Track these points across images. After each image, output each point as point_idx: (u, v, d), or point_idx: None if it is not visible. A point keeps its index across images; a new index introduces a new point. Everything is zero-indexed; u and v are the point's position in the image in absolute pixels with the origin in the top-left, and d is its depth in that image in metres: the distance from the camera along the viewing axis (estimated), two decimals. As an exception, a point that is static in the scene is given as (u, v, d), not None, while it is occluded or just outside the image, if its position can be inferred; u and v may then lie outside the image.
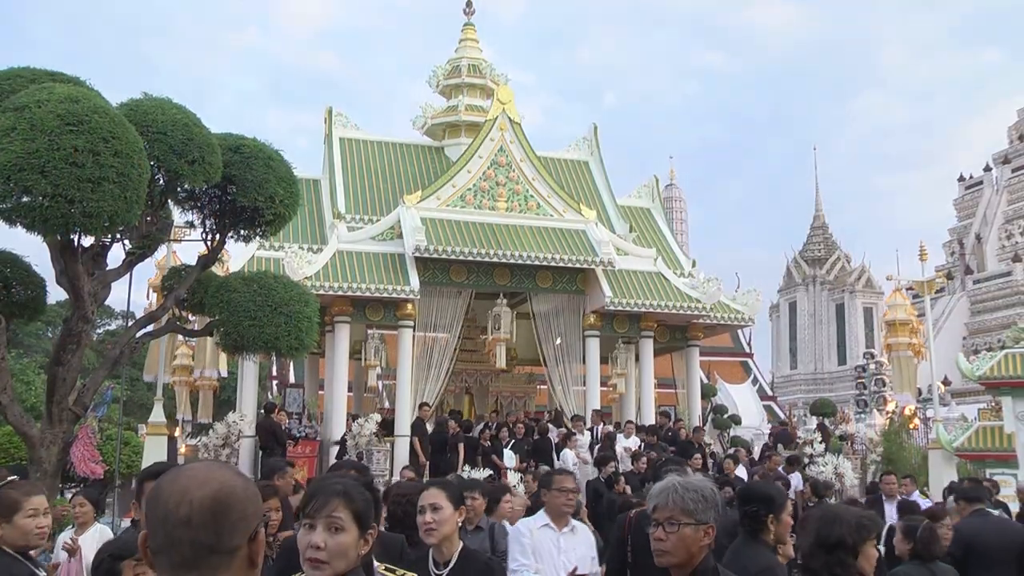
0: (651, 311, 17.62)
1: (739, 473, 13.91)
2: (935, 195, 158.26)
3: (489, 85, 21.17)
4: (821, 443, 17.38)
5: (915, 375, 23.88)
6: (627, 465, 13.24)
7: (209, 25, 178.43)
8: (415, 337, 17.13)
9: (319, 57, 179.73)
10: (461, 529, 3.87)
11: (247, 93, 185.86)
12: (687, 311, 17.75)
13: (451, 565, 3.65)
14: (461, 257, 16.64)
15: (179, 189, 9.83)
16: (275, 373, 32.17)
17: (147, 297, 19.01)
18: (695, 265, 20.49)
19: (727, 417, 22.44)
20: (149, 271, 18.78)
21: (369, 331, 17.78)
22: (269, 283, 10.78)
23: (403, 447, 15.55)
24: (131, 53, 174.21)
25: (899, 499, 9.56)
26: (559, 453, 14.64)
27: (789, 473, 13.64)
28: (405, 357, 16.67)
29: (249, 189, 10.03)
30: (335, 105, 20.99)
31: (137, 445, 17.33)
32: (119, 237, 9.78)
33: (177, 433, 20.39)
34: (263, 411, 15.92)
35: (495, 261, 16.86)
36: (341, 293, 15.88)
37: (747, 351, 42.53)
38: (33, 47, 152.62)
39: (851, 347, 41.62)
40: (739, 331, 38.99)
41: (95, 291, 9.68)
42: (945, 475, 15.09)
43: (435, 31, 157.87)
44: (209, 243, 11.03)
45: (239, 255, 16.42)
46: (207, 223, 10.85)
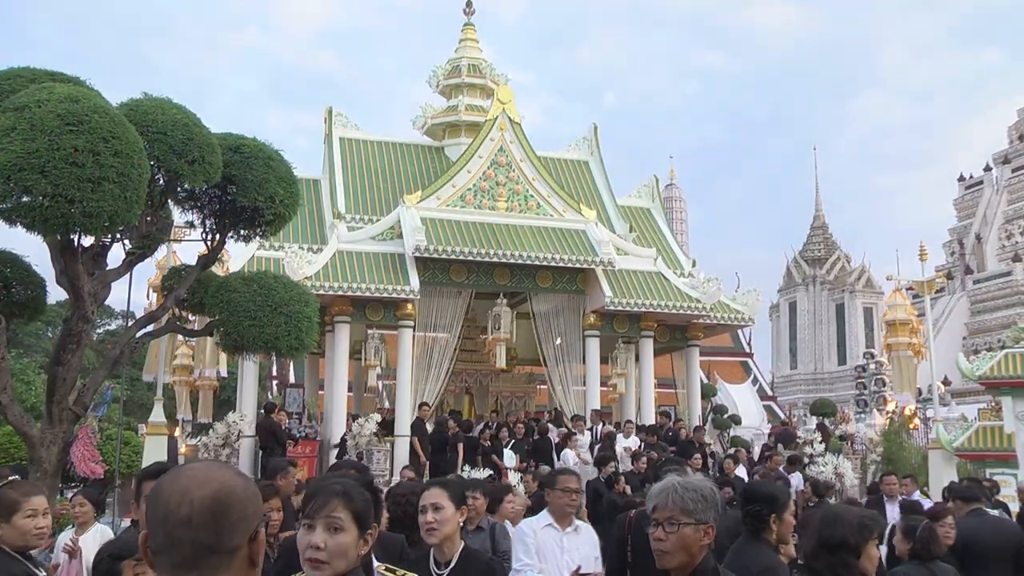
0: (651, 311, 17.62)
1: (739, 473, 13.94)
2: (935, 195, 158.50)
3: (489, 85, 21.17)
4: (821, 443, 17.40)
5: (915, 375, 23.87)
6: (627, 465, 13.24)
7: (209, 25, 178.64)
8: (415, 337, 17.14)
9: (319, 57, 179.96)
10: (462, 529, 3.87)
11: (247, 93, 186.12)
12: (687, 311, 17.75)
13: (452, 565, 3.65)
14: (461, 257, 16.64)
15: (179, 189, 9.83)
16: (275, 373, 32.17)
17: (147, 297, 19.00)
18: (695, 265, 20.49)
19: (727, 417, 22.42)
20: (149, 271, 18.78)
21: (369, 331, 17.78)
22: (269, 283, 10.78)
23: (403, 447, 15.56)
24: (131, 53, 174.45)
25: (902, 499, 9.56)
26: (559, 453, 14.64)
27: (790, 473, 13.65)
28: (405, 357, 16.67)
29: (249, 189, 10.03)
30: (335, 105, 21.01)
31: (137, 445, 17.33)
32: (119, 237, 9.78)
33: (177, 433, 20.39)
34: (263, 411, 15.93)
35: (495, 261, 16.86)
36: (341, 293, 15.88)
37: (747, 351, 42.52)
38: (33, 47, 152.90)
39: (851, 347, 41.61)
40: (739, 331, 39.00)
41: (95, 291, 9.68)
42: (945, 475, 15.08)
43: (435, 31, 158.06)
44: (209, 243, 11.03)
45: (239, 255, 16.42)
46: (207, 223, 10.85)
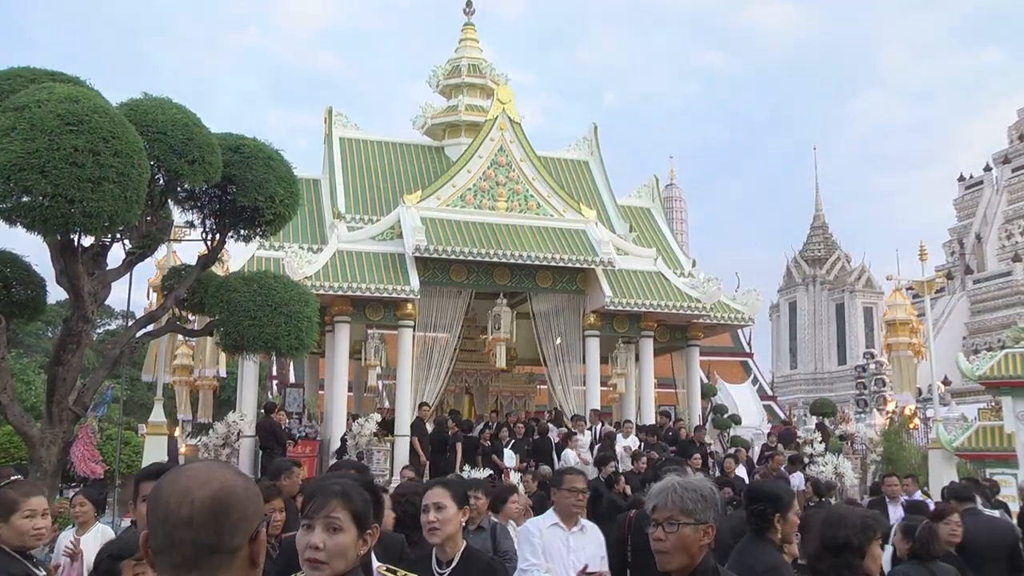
0: (651, 311, 17.62)
1: (738, 473, 13.94)
2: (935, 195, 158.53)
3: (489, 85, 21.16)
4: (821, 443, 17.40)
5: (915, 375, 23.87)
6: (626, 465, 13.24)
7: (209, 25, 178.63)
8: (415, 337, 17.13)
9: (319, 57, 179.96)
10: (463, 529, 3.87)
11: (247, 93, 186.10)
12: (687, 311, 17.74)
13: (454, 564, 3.65)
14: (461, 257, 16.64)
15: (179, 189, 9.84)
16: (275, 373, 32.18)
17: (147, 297, 19.01)
18: (695, 265, 20.49)
19: (727, 417, 22.39)
20: (149, 271, 18.78)
21: (369, 331, 17.78)
22: (269, 283, 10.78)
23: (403, 447, 15.56)
24: (131, 53, 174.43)
25: (908, 500, 9.55)
26: (559, 453, 14.63)
27: (791, 473, 13.65)
28: (405, 357, 16.67)
29: (249, 189, 10.03)
30: (335, 105, 21.01)
31: (137, 445, 17.31)
32: (119, 237, 9.78)
33: (177, 433, 20.38)
34: (263, 411, 15.93)
35: (495, 261, 16.86)
36: (341, 293, 15.87)
37: (747, 351, 42.52)
38: (33, 47, 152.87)
39: (851, 347, 41.61)
40: (739, 331, 39.02)
41: (95, 291, 9.68)
42: (945, 475, 15.07)
43: (435, 31, 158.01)
44: (209, 243, 11.03)
45: (239, 255, 16.42)
46: (207, 223, 10.85)
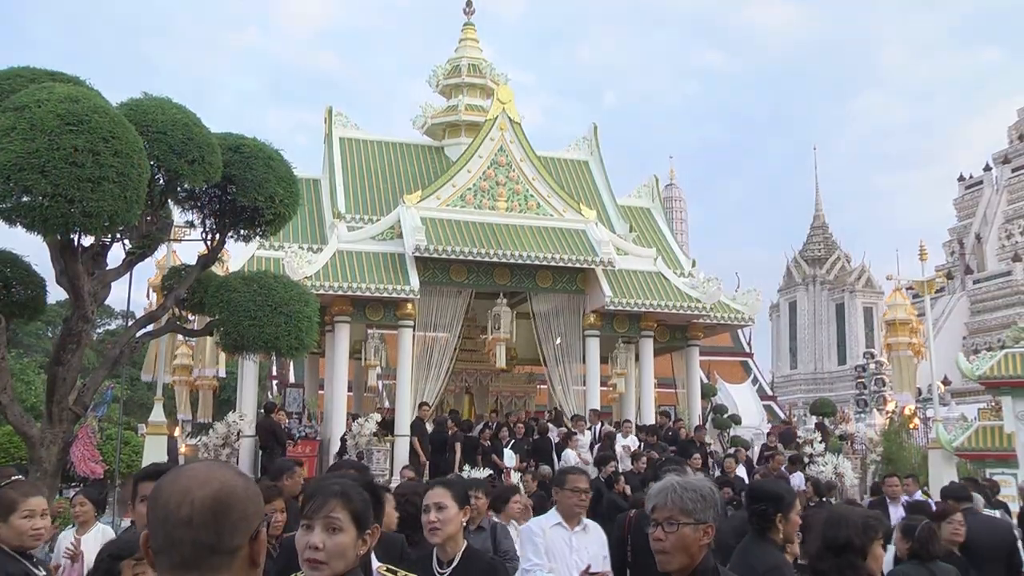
0: (651, 311, 17.61)
1: (738, 473, 13.94)
2: (935, 195, 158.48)
3: (489, 85, 21.16)
4: (821, 443, 17.40)
5: (915, 375, 23.89)
6: (626, 465, 13.24)
7: (209, 25, 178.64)
8: (415, 337, 17.13)
9: (319, 57, 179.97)
10: (464, 529, 3.87)
11: (247, 93, 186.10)
12: (687, 311, 17.74)
13: (454, 564, 3.65)
14: (461, 257, 16.63)
15: (179, 189, 9.84)
16: (275, 373, 32.18)
17: (147, 297, 19.03)
18: (695, 265, 20.49)
19: (727, 417, 22.40)
20: (149, 271, 18.81)
21: (369, 331, 17.78)
22: (269, 283, 10.79)
23: (403, 447, 15.55)
24: (131, 53, 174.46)
25: (910, 500, 9.54)
26: (559, 453, 14.62)
27: (791, 473, 13.64)
28: (405, 357, 16.66)
29: (249, 189, 10.03)
30: (335, 105, 21.03)
31: (137, 445, 17.32)
32: (119, 237, 9.78)
33: (177, 433, 20.38)
34: (263, 411, 15.93)
35: (495, 261, 16.85)
36: (341, 293, 15.87)
37: (747, 351, 42.52)
38: (33, 47, 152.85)
39: (851, 347, 41.61)
40: (739, 331, 39.01)
41: (95, 291, 9.69)
42: (945, 475, 15.06)
43: (435, 31, 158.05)
44: (209, 243, 11.03)
45: (239, 255, 16.43)
46: (207, 223, 10.85)
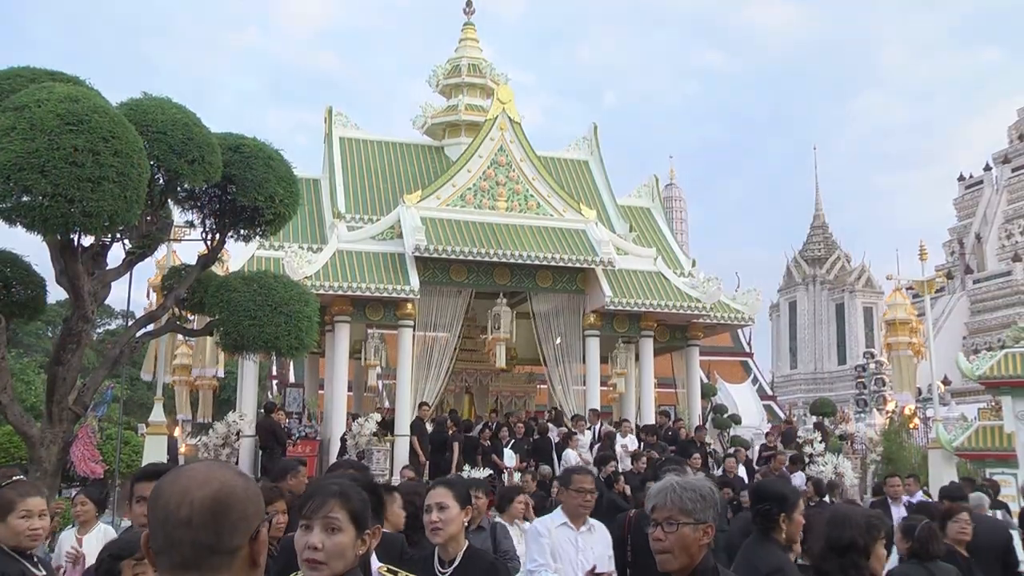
0: (651, 311, 17.61)
1: (738, 473, 13.93)
2: (935, 195, 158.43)
3: (489, 85, 21.15)
4: (821, 443, 17.40)
5: (915, 375, 23.88)
6: (625, 464, 13.23)
7: (209, 25, 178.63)
8: (415, 337, 17.13)
9: (319, 57, 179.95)
10: (464, 528, 3.88)
11: (247, 93, 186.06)
12: (687, 311, 17.74)
13: (456, 564, 3.66)
14: (461, 257, 16.63)
15: (179, 189, 9.84)
16: (275, 373, 32.18)
17: (147, 297, 19.01)
18: (695, 265, 20.48)
19: (727, 417, 22.40)
20: (149, 271, 18.81)
21: (369, 331, 17.77)
22: (269, 283, 10.79)
23: (403, 447, 15.55)
24: (131, 53, 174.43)
25: (917, 501, 9.54)
26: (559, 453, 14.62)
27: (792, 473, 13.64)
28: (405, 357, 16.66)
29: (249, 189, 10.03)
30: (335, 105, 21.02)
31: (137, 444, 17.30)
32: (119, 237, 9.78)
33: (177, 433, 20.37)
34: (263, 411, 15.94)
35: (495, 261, 16.85)
36: (341, 293, 15.87)
37: (747, 351, 42.51)
38: (33, 47, 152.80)
39: (851, 347, 41.60)
40: (739, 331, 39.01)
41: (95, 291, 9.69)
42: (945, 475, 15.05)
43: (435, 31, 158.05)
44: (209, 243, 11.03)
45: (239, 255, 16.42)
46: (207, 223, 10.85)
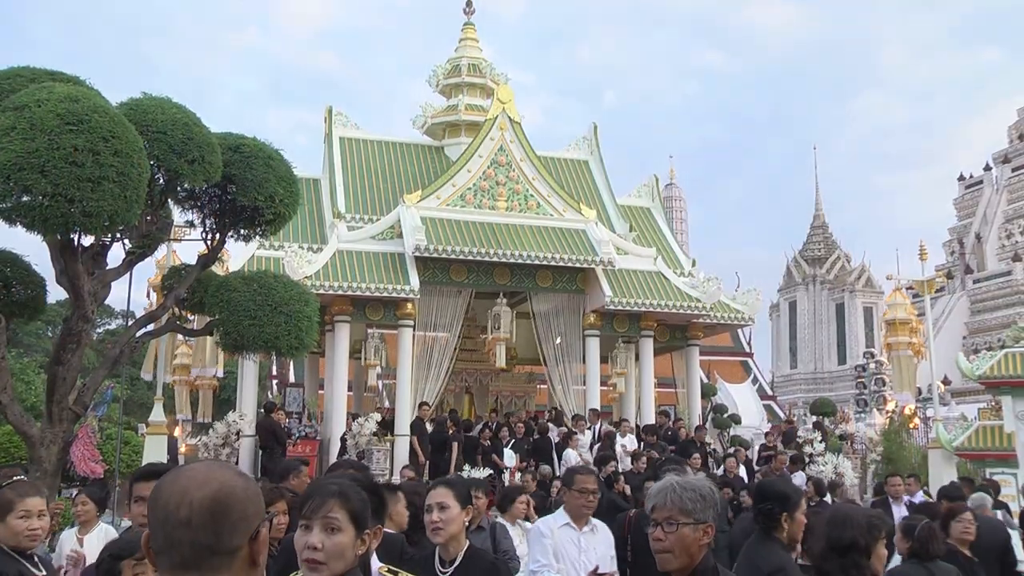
0: (651, 311, 17.61)
1: (738, 472, 13.94)
2: (935, 195, 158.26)
3: (489, 84, 21.16)
4: (821, 442, 17.40)
5: (915, 374, 23.89)
6: (625, 464, 13.23)
7: (209, 25, 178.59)
8: (415, 336, 17.13)
9: (319, 57, 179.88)
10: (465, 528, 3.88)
11: (247, 93, 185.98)
12: (687, 311, 17.74)
13: (456, 564, 3.66)
14: (461, 256, 16.63)
15: (179, 188, 9.84)
16: (275, 372, 32.18)
17: (147, 296, 19.02)
18: (695, 265, 20.49)
19: (727, 416, 22.41)
20: (149, 270, 18.82)
21: (369, 330, 17.78)
22: (269, 282, 10.79)
23: (403, 446, 15.56)
24: (131, 53, 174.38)
25: (919, 502, 9.55)
26: (560, 453, 14.62)
27: (792, 472, 13.65)
28: (405, 356, 16.66)
29: (249, 188, 10.03)
30: (335, 105, 20.99)
31: (137, 444, 17.31)
32: (119, 236, 9.78)
33: (177, 432, 20.37)
34: (263, 410, 15.94)
35: (495, 261, 16.85)
36: (341, 292, 15.87)
37: (747, 351, 42.49)
38: (33, 47, 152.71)
39: (851, 347, 41.58)
40: (739, 331, 38.99)
41: (95, 290, 9.69)
42: (945, 475, 15.05)
43: (435, 31, 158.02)
44: (209, 242, 11.03)
45: (239, 254, 16.43)
46: (207, 222, 10.85)
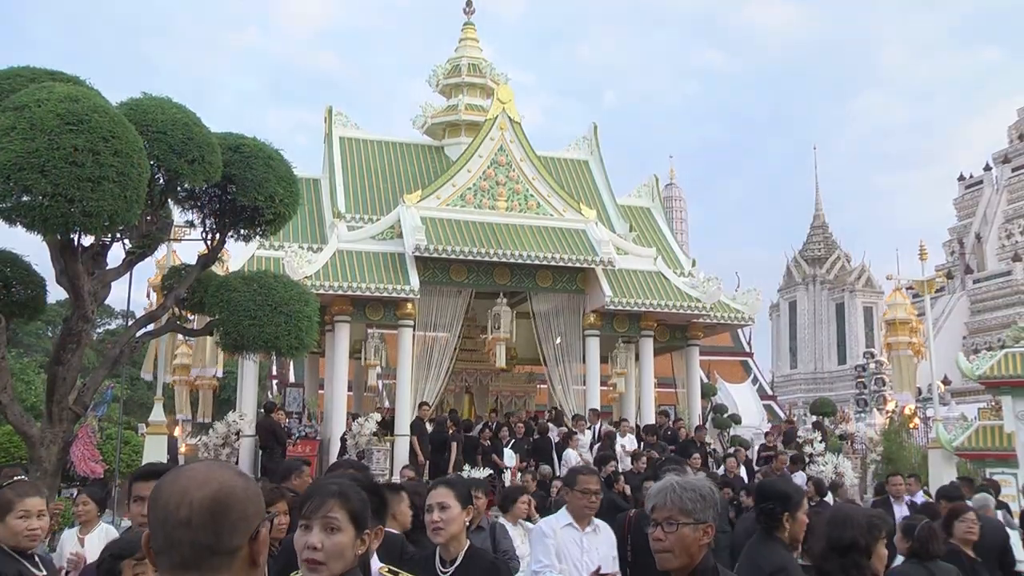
0: (651, 310, 17.61)
1: (739, 472, 13.94)
2: (935, 194, 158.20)
3: (489, 84, 21.16)
4: (821, 442, 17.40)
5: (915, 374, 23.89)
6: (625, 464, 13.24)
7: (209, 25, 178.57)
8: (415, 336, 17.12)
9: (319, 57, 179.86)
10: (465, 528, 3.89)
11: (247, 93, 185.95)
12: (687, 310, 17.74)
13: (457, 564, 3.66)
14: (461, 256, 16.63)
15: (179, 188, 9.84)
16: (275, 372, 32.17)
17: (147, 296, 19.03)
18: (695, 264, 20.49)
19: (727, 416, 22.41)
20: (149, 270, 18.85)
21: (369, 330, 17.78)
22: (269, 282, 10.79)
23: (403, 446, 15.56)
24: (131, 53, 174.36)
25: (920, 501, 9.55)
26: (560, 453, 14.62)
27: (792, 472, 13.65)
28: (405, 356, 16.66)
29: (249, 188, 10.03)
30: (335, 105, 21.00)
31: (137, 444, 17.31)
32: (119, 236, 9.78)
33: (177, 432, 20.37)
34: (263, 410, 15.94)
35: (495, 260, 16.85)
36: (341, 292, 15.87)
37: (747, 350, 42.48)
38: (33, 47, 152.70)
39: (851, 346, 41.57)
40: (739, 330, 38.99)
41: (95, 290, 9.68)
42: (945, 475, 15.05)
43: (435, 31, 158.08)
44: (209, 242, 11.03)
45: (239, 254, 16.43)
46: (207, 222, 10.85)
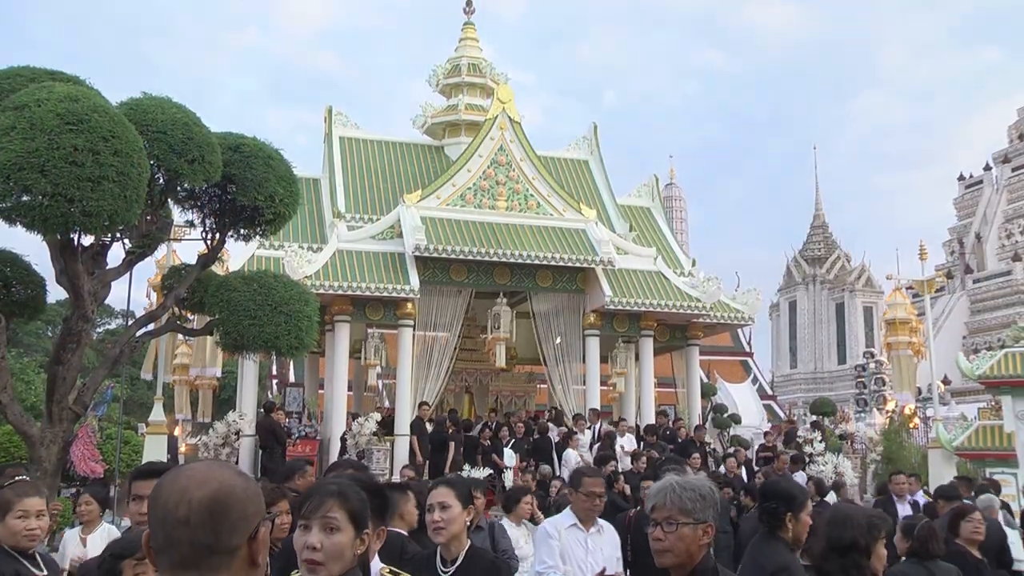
0: (651, 310, 17.60)
1: (739, 472, 13.95)
2: (935, 194, 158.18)
3: (489, 84, 21.15)
4: (821, 442, 17.41)
5: (915, 374, 23.88)
6: (625, 464, 13.24)
7: (209, 25, 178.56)
8: (415, 336, 17.12)
9: (319, 57, 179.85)
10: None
11: (247, 93, 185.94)
12: (687, 310, 17.74)
13: (458, 563, 3.67)
14: (461, 256, 16.62)
15: (179, 188, 9.84)
16: (275, 372, 32.17)
17: (147, 296, 19.02)
18: (695, 264, 20.49)
19: (727, 416, 22.40)
20: (149, 270, 18.83)
21: (369, 330, 17.78)
22: (269, 282, 10.79)
23: (403, 446, 15.56)
24: (131, 53, 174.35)
25: (922, 501, 9.54)
26: (560, 452, 14.62)
27: (793, 472, 13.65)
28: (405, 356, 16.66)
29: (249, 188, 10.03)
30: (335, 105, 21.00)
31: (137, 444, 17.31)
32: (119, 236, 9.79)
33: (177, 432, 20.37)
34: (263, 410, 15.94)
35: (495, 260, 16.84)
36: (341, 292, 15.87)
37: (747, 350, 42.46)
38: (33, 47, 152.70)
39: (851, 346, 41.57)
40: (739, 330, 38.99)
41: (95, 290, 9.69)
42: (945, 474, 15.04)
43: (435, 31, 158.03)
44: (209, 242, 11.03)
45: (239, 254, 16.44)
46: (207, 222, 10.85)
